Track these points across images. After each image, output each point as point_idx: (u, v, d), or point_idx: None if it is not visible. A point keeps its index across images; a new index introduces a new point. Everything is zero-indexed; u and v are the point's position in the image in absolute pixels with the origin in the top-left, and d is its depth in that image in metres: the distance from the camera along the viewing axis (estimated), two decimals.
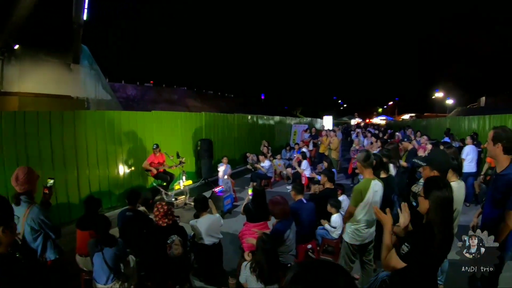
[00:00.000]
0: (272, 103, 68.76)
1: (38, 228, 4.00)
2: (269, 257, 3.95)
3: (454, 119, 21.91)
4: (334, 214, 6.49)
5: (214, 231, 5.58)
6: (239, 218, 8.55)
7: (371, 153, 4.98)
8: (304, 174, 12.21)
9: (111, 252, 4.33)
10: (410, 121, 48.37)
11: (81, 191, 8.65)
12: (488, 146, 3.89)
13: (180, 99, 44.92)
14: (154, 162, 10.02)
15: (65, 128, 8.38)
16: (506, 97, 48.45)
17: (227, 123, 16.60)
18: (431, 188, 2.76)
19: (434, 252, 2.64)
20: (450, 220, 2.74)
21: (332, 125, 31.63)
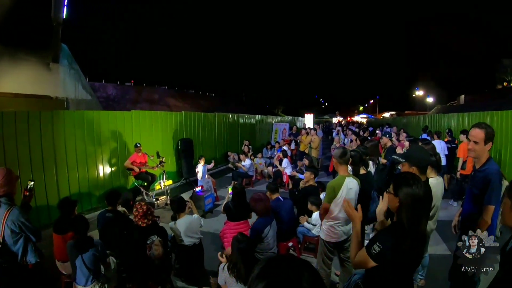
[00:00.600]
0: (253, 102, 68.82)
1: (18, 231, 3.98)
2: (245, 256, 3.97)
3: (433, 117, 22.12)
4: (315, 212, 6.54)
5: (193, 232, 5.58)
6: (221, 217, 8.56)
7: (347, 150, 5.03)
8: (285, 172, 12.28)
9: (90, 253, 4.31)
10: (390, 119, 48.82)
11: (61, 192, 8.53)
12: (477, 146, 3.78)
13: (161, 98, 44.74)
14: (136, 162, 10.01)
15: (44, 129, 8.26)
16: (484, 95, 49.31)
17: (208, 122, 16.54)
18: (400, 185, 2.70)
19: (406, 251, 2.59)
20: (421, 218, 2.67)
21: (313, 124, 31.73)
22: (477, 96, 51.57)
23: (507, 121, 10.78)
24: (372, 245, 2.65)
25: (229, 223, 5.82)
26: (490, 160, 3.81)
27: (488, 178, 3.63)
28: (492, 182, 3.60)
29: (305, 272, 1.19)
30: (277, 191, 6.62)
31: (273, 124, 25.36)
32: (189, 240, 5.49)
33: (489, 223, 3.56)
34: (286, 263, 1.25)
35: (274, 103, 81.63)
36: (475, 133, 3.78)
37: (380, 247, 2.59)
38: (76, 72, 17.61)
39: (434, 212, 4.58)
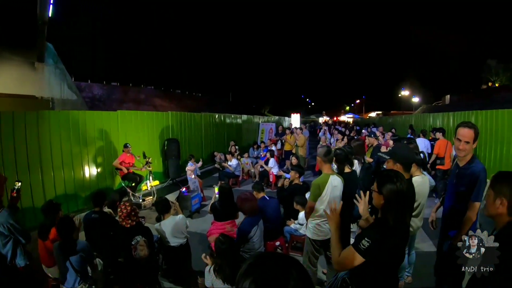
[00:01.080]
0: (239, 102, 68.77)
1: (7, 233, 3.96)
2: (229, 257, 3.99)
3: (419, 116, 22.44)
4: (301, 211, 6.57)
5: (179, 232, 5.59)
6: (208, 217, 8.57)
7: (331, 149, 5.15)
8: (272, 172, 12.32)
9: (77, 255, 4.29)
10: (376, 118, 49.16)
11: (47, 194, 8.48)
12: (468, 145, 3.85)
13: (147, 98, 44.49)
14: (125, 162, 9.97)
15: (29, 129, 8.19)
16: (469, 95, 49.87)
17: (194, 123, 16.52)
18: (384, 182, 2.77)
19: (392, 246, 2.67)
20: (405, 213, 2.77)
21: (300, 123, 31.84)
22: (462, 96, 52.10)
23: (491, 120, 10.97)
24: (360, 240, 2.68)
25: (216, 223, 5.85)
26: (475, 158, 3.91)
27: (476, 175, 3.72)
28: (480, 179, 3.69)
29: (293, 269, 1.20)
30: (262, 190, 6.70)
31: (260, 124, 25.38)
32: (176, 240, 5.51)
33: (474, 219, 3.68)
34: (273, 259, 1.26)
35: (261, 103, 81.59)
36: (466, 133, 3.84)
37: (369, 242, 2.62)
38: (62, 71, 17.47)
39: (420, 210, 4.70)
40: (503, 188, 2.52)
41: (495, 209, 2.54)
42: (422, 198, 4.67)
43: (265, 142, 17.82)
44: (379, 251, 2.63)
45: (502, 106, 12.96)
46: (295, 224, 6.67)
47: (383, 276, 2.80)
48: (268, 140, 19.18)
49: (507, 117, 10.00)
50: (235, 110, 26.25)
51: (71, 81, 19.08)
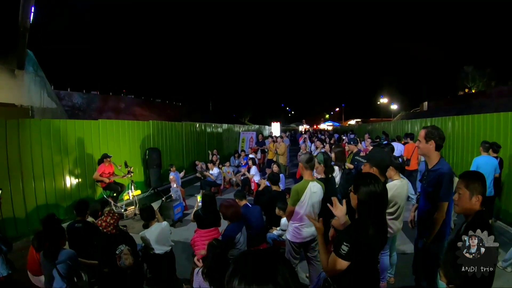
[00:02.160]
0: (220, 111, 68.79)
1: None
2: (220, 261, 4.03)
3: (397, 123, 22.73)
4: (283, 217, 6.63)
5: (165, 239, 5.68)
6: (190, 226, 8.63)
7: (313, 156, 5.31)
8: (253, 180, 12.38)
9: (64, 261, 4.29)
10: (356, 126, 49.58)
11: (27, 203, 8.42)
12: (421, 144, 4.15)
13: (127, 107, 44.26)
14: (105, 173, 9.90)
15: (9, 137, 8.12)
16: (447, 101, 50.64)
17: (175, 132, 16.52)
18: (359, 183, 2.90)
19: (369, 245, 2.78)
20: (380, 214, 2.89)
21: (280, 132, 32.00)
22: (439, 102, 52.97)
23: (467, 125, 11.19)
24: (340, 246, 2.77)
25: (199, 230, 5.86)
26: (441, 160, 4.11)
27: (441, 177, 3.91)
28: (444, 180, 3.88)
29: (279, 262, 1.24)
30: (245, 198, 6.75)
31: (240, 133, 25.50)
32: (161, 248, 5.58)
33: (444, 217, 3.86)
34: (258, 255, 1.31)
35: (241, 111, 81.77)
36: (420, 133, 4.18)
37: (348, 245, 2.72)
38: (42, 79, 17.31)
39: (400, 212, 4.94)
40: (478, 187, 2.79)
41: (471, 205, 2.80)
42: (401, 201, 4.90)
43: (245, 151, 17.87)
44: (358, 252, 2.73)
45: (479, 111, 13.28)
46: (277, 230, 6.72)
47: (362, 273, 2.89)
48: (249, 148, 19.24)
49: (483, 122, 10.21)
50: (215, 119, 26.29)
51: (51, 89, 18.92)
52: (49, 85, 18.35)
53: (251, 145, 21.53)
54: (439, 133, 4.05)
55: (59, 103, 19.53)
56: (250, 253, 1.37)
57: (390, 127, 22.91)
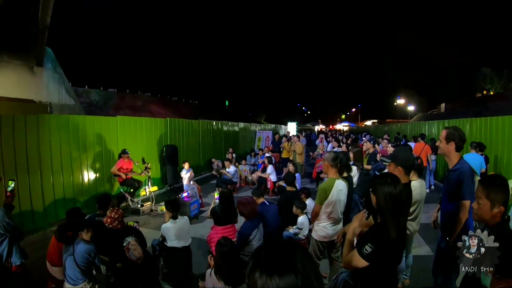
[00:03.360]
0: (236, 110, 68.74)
1: (3, 232, 3.98)
2: (229, 259, 4.03)
3: (414, 124, 22.61)
4: (300, 216, 6.61)
5: (185, 233, 5.78)
6: (206, 223, 8.65)
7: (339, 155, 5.24)
8: (270, 179, 12.35)
9: (82, 253, 4.32)
10: (372, 127, 49.29)
11: (45, 197, 8.49)
12: (441, 144, 4.12)
13: (143, 105, 44.46)
14: (123, 168, 9.95)
15: (29, 133, 8.20)
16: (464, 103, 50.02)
17: (192, 129, 16.60)
18: (377, 183, 2.85)
19: (391, 248, 2.73)
20: (399, 214, 2.81)
21: (296, 131, 31.92)
22: (457, 104, 52.29)
23: (485, 128, 11.12)
24: (363, 245, 2.73)
25: (216, 227, 5.85)
26: (461, 160, 4.07)
27: (462, 176, 3.87)
28: (466, 179, 3.84)
29: (297, 251, 1.24)
30: (262, 195, 6.76)
31: (257, 131, 25.52)
32: (180, 242, 5.64)
33: (467, 216, 3.78)
34: (277, 247, 1.32)
35: (257, 111, 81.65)
36: (441, 134, 4.14)
37: (372, 247, 2.68)
38: (60, 76, 17.46)
39: (417, 214, 4.84)
40: (500, 196, 2.60)
41: (491, 216, 2.62)
42: (419, 202, 4.84)
43: (262, 149, 17.83)
44: (381, 255, 2.69)
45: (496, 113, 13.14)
46: (293, 229, 6.69)
47: (383, 276, 2.85)
48: (266, 147, 19.19)
49: (501, 125, 10.11)
50: (231, 118, 26.23)
51: (69, 86, 19.08)
52: (67, 82, 18.51)
53: (267, 144, 21.48)
54: (460, 134, 4.01)
55: (77, 100, 19.70)
56: (269, 246, 1.39)
57: (407, 128, 22.80)
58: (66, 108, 17.24)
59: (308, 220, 6.63)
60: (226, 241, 4.24)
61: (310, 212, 5.94)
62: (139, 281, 4.79)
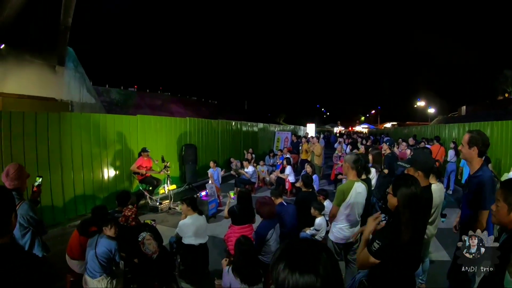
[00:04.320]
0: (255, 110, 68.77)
1: (26, 225, 4.05)
2: (247, 257, 4.03)
3: (434, 127, 22.38)
4: (318, 217, 6.59)
5: (202, 231, 5.81)
6: (223, 222, 8.62)
7: (360, 157, 5.16)
8: (288, 180, 12.34)
9: (104, 248, 4.37)
10: (392, 129, 48.92)
11: (66, 193, 8.61)
12: (463, 149, 3.99)
13: (163, 104, 44.74)
14: (143, 166, 10.03)
15: (51, 130, 8.33)
16: (486, 106, 49.32)
17: (211, 129, 16.65)
18: (399, 185, 2.83)
19: (403, 248, 2.70)
20: (418, 216, 2.80)
21: (315, 133, 31.82)
22: (478, 106, 51.54)
23: (507, 131, 10.96)
24: (372, 243, 2.78)
25: (233, 226, 5.85)
26: (483, 166, 3.94)
27: (482, 184, 3.75)
28: (486, 187, 3.72)
29: (322, 252, 1.27)
30: (280, 196, 6.70)
31: (275, 132, 25.45)
32: (198, 239, 5.70)
33: (484, 226, 3.67)
34: (304, 244, 1.35)
35: (276, 111, 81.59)
36: (463, 138, 4.02)
37: (379, 244, 2.72)
38: (81, 75, 17.67)
39: (435, 218, 4.78)
40: None
41: (509, 220, 2.53)
42: (437, 206, 4.77)
43: (281, 150, 17.80)
44: (389, 252, 2.70)
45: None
46: (311, 230, 6.68)
47: (398, 277, 2.84)
48: (284, 148, 19.17)
49: None
50: (250, 118, 26.23)
51: (90, 85, 19.27)
52: (89, 81, 18.72)
53: (286, 145, 21.42)
54: (483, 139, 3.90)
55: (97, 99, 19.91)
56: (299, 242, 1.41)
57: (427, 131, 22.57)
58: (87, 106, 17.43)
59: (325, 222, 6.61)
60: (245, 240, 4.26)
61: (328, 213, 5.93)
62: (155, 276, 4.85)
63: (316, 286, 1.17)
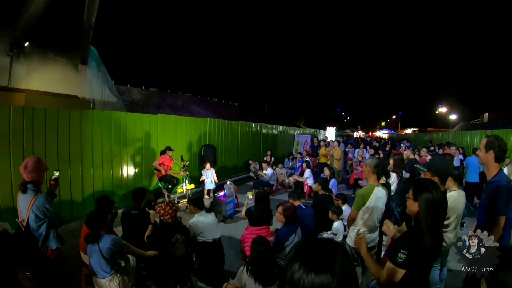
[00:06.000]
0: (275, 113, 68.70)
1: (42, 217, 4.09)
2: (264, 257, 4.01)
3: (456, 134, 22.26)
4: (336, 221, 6.55)
5: (214, 228, 5.84)
6: (240, 223, 8.63)
7: (381, 161, 5.09)
8: (307, 183, 12.30)
9: (107, 246, 4.36)
10: (412, 135, 48.56)
11: (85, 189, 8.71)
12: (480, 153, 3.99)
13: (184, 104, 44.88)
14: (164, 164, 10.11)
15: (72, 126, 8.45)
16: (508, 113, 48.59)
17: (231, 130, 16.67)
18: (420, 190, 2.79)
19: (425, 254, 2.67)
20: (439, 222, 2.77)
21: (335, 137, 31.71)
22: (500, 114, 50.86)
23: None
24: (396, 254, 2.68)
25: (250, 227, 5.85)
26: (500, 172, 3.91)
27: (498, 189, 3.72)
28: (502, 193, 3.69)
29: (338, 251, 1.26)
30: (298, 199, 6.67)
31: (295, 135, 25.34)
32: (211, 235, 5.74)
33: (501, 233, 3.66)
34: (319, 243, 1.34)
35: (296, 115, 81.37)
36: (481, 142, 3.99)
37: (405, 253, 2.64)
38: (103, 74, 17.89)
39: (455, 225, 4.69)
40: None
41: None
42: (457, 213, 4.67)
43: (301, 153, 17.71)
44: (415, 260, 2.64)
45: None
46: (328, 234, 6.64)
47: (414, 282, 2.77)
48: (304, 151, 19.08)
49: None
50: (270, 121, 26.22)
51: (112, 84, 19.49)
52: (111, 80, 18.96)
53: (306, 148, 21.36)
54: (501, 144, 3.86)
55: (119, 97, 20.13)
56: (313, 241, 1.39)
57: (448, 137, 22.40)
58: (109, 105, 17.63)
59: (343, 226, 6.58)
60: (262, 240, 4.23)
61: (346, 218, 5.88)
62: (173, 275, 4.86)
63: (332, 286, 1.17)
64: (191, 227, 5.64)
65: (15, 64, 13.70)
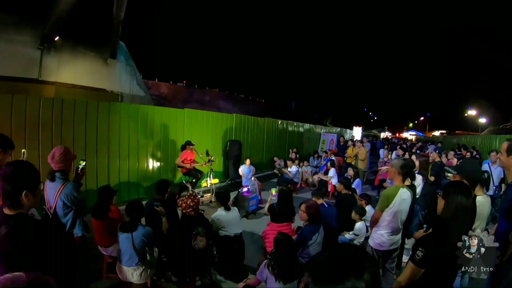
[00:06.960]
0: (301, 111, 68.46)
1: (70, 204, 4.14)
2: (287, 255, 4.01)
3: (485, 138, 21.83)
4: (358, 222, 6.51)
5: (236, 223, 5.83)
6: (263, 219, 8.62)
7: (408, 162, 4.99)
8: (331, 182, 12.23)
9: (140, 237, 4.43)
10: (440, 137, 47.89)
11: (111, 180, 8.83)
12: (502, 156, 3.83)
13: (211, 100, 45.15)
14: (187, 159, 10.14)
15: (100, 118, 8.59)
16: None
17: (257, 127, 16.67)
18: (451, 189, 2.77)
19: (447, 255, 2.61)
20: (467, 227, 2.69)
21: (361, 137, 31.44)
22: None
23: None
24: (415, 252, 2.66)
25: (272, 224, 5.84)
26: None
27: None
28: None
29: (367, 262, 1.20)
30: (322, 197, 6.64)
31: (321, 134, 25.18)
32: (234, 230, 5.72)
33: None
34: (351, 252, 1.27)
35: (323, 113, 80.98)
36: (502, 146, 3.83)
37: (423, 251, 2.60)
38: (132, 69, 18.10)
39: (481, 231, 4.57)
40: None
41: None
42: (482, 219, 4.51)
43: (327, 151, 17.56)
44: (433, 259, 2.60)
45: None
46: (350, 234, 6.60)
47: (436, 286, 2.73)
48: (329, 150, 18.96)
49: None
50: (296, 119, 26.10)
51: (140, 79, 19.69)
52: (139, 74, 19.16)
53: (331, 147, 21.23)
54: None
55: (147, 92, 20.34)
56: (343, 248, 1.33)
57: (477, 141, 22.04)
58: (137, 98, 17.84)
59: (365, 227, 6.52)
60: (284, 236, 4.24)
61: (369, 219, 5.85)
62: (193, 267, 4.90)
63: None
64: (214, 221, 5.65)
65: (45, 57, 13.96)
